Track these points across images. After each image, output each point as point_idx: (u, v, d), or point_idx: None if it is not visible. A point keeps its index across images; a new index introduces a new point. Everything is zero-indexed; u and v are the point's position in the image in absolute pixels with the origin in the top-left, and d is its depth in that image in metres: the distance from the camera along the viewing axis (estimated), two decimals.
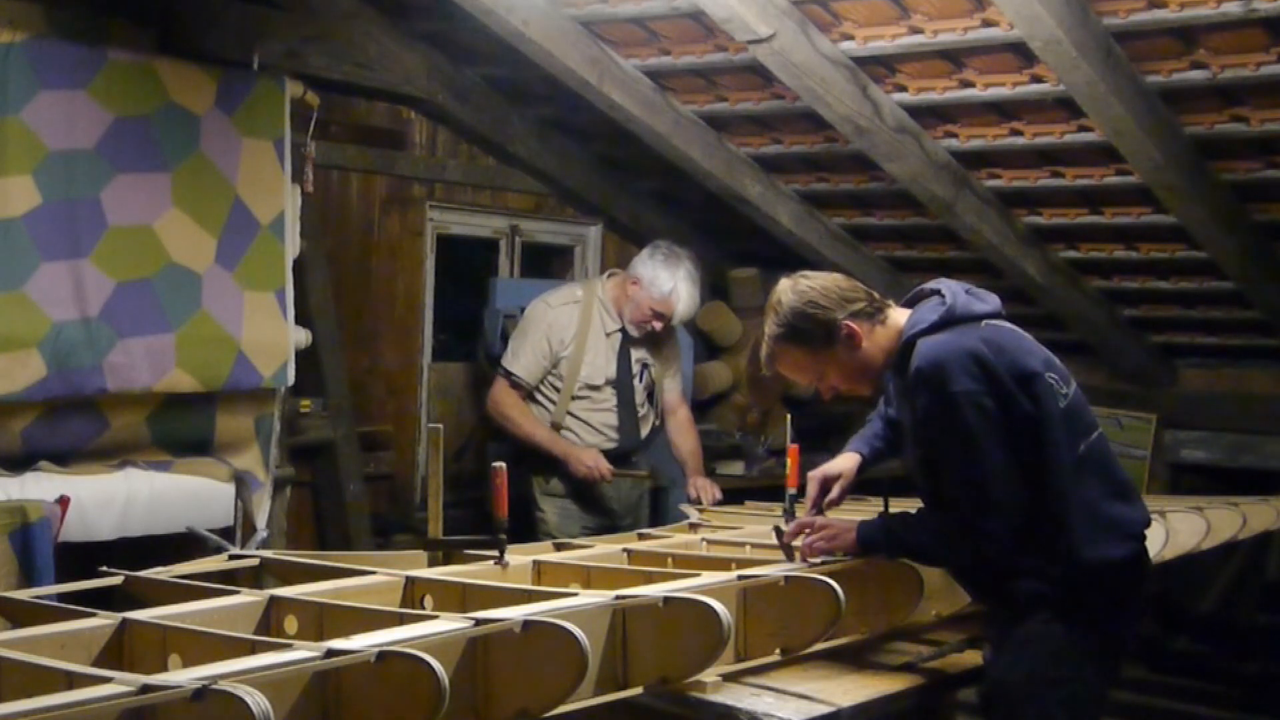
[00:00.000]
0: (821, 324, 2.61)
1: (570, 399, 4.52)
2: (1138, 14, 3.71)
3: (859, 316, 2.61)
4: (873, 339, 2.63)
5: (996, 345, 2.51)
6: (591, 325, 4.54)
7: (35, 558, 3.29)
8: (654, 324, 4.52)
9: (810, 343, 2.63)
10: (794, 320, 2.63)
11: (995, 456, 2.45)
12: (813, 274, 2.71)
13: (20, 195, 3.54)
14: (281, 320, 4.08)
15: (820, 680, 2.46)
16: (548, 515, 4.49)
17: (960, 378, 2.44)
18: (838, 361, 2.64)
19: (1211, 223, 4.67)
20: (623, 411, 4.58)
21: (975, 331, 2.53)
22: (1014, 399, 2.47)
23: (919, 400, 2.51)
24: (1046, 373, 2.53)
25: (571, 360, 4.50)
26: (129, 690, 1.58)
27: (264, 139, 4.04)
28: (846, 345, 2.62)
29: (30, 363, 3.51)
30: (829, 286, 2.64)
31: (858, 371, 2.67)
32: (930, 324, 2.55)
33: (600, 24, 4.53)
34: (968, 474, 2.48)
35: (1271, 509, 4.25)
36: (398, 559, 2.97)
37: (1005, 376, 2.47)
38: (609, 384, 4.54)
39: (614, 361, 4.55)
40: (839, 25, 4.18)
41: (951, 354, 2.48)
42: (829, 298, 2.62)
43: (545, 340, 4.50)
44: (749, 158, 5.32)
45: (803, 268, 6.23)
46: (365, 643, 1.86)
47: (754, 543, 3.21)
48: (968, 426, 2.44)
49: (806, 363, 2.67)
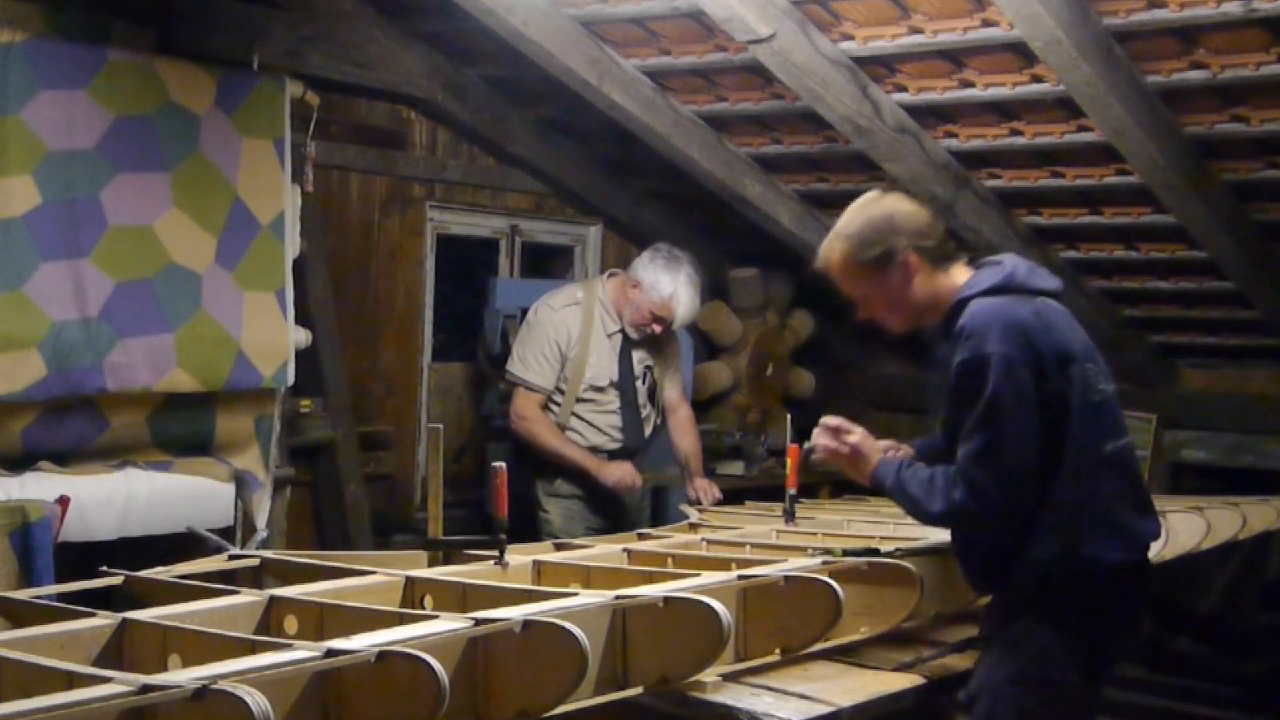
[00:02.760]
0: (884, 243, 2.57)
1: (575, 401, 4.46)
2: (1138, 14, 3.71)
3: (922, 252, 2.57)
4: (927, 280, 2.59)
5: (1045, 320, 2.49)
6: (594, 327, 4.50)
7: (35, 558, 3.29)
8: (653, 327, 4.48)
9: (867, 256, 2.59)
10: (862, 228, 2.59)
11: (1015, 424, 2.42)
12: (905, 197, 2.66)
13: (20, 195, 3.54)
14: (281, 320, 4.08)
15: (820, 680, 2.46)
16: (552, 516, 4.46)
17: (1000, 340, 2.42)
18: (885, 286, 2.61)
19: (1211, 223, 4.66)
20: (626, 412, 4.54)
21: (1028, 303, 2.51)
22: (1049, 377, 2.45)
23: (957, 356, 2.48)
24: (1087, 362, 2.52)
25: (576, 362, 4.45)
26: (129, 690, 1.58)
27: (264, 139, 4.04)
28: (899, 273, 2.58)
29: (30, 363, 3.51)
30: (911, 213, 2.60)
31: (899, 304, 2.63)
32: (985, 288, 2.53)
33: (600, 24, 4.53)
34: (984, 435, 2.44)
35: (1271, 509, 4.26)
36: (398, 559, 2.97)
37: (1046, 352, 2.45)
38: (613, 385, 4.50)
39: (616, 363, 4.51)
40: (839, 25, 4.18)
41: (997, 317, 2.46)
42: (904, 223, 2.58)
43: (554, 344, 4.44)
44: (749, 158, 5.32)
45: (803, 268, 6.30)
46: (365, 643, 1.86)
47: (754, 543, 3.21)
48: (996, 389, 2.41)
49: (856, 273, 2.62)
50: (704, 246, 6.46)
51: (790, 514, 3.61)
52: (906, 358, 6.79)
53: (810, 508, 4.03)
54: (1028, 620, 2.52)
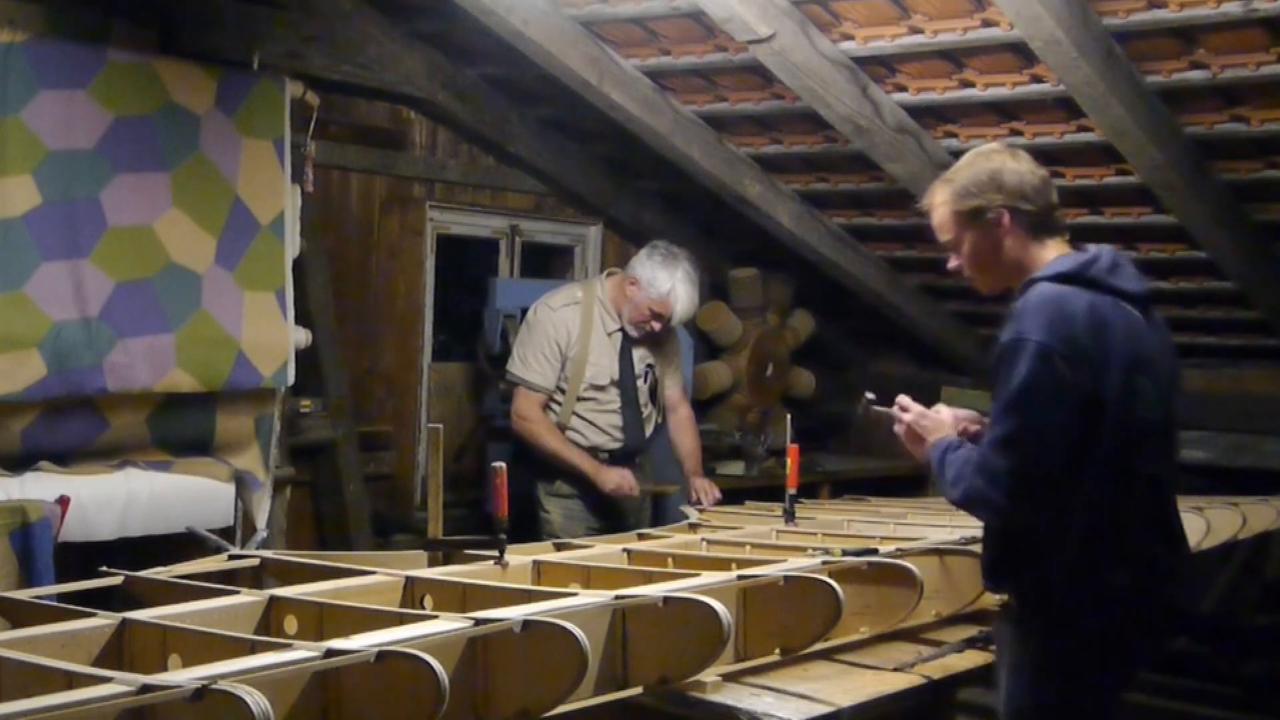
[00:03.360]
0: (981, 197, 2.50)
1: (576, 400, 4.46)
2: (1138, 14, 3.71)
3: (1018, 215, 2.49)
4: (1017, 246, 2.51)
5: (1100, 319, 2.38)
6: (594, 326, 4.50)
7: (35, 558, 3.28)
8: (652, 324, 4.48)
9: (962, 206, 2.53)
10: (968, 179, 2.53)
11: (1044, 416, 2.33)
12: (1027, 159, 2.57)
13: (20, 195, 3.54)
14: (281, 320, 4.08)
15: (820, 680, 2.46)
16: (553, 516, 4.47)
17: (1044, 329, 2.33)
18: (975, 241, 2.54)
19: (1211, 223, 4.67)
20: (627, 411, 4.54)
21: (1091, 299, 2.40)
22: (1090, 378, 2.34)
23: (1002, 336, 2.40)
24: (1139, 374, 2.40)
25: (576, 361, 4.45)
26: (129, 690, 1.58)
27: (264, 139, 4.04)
28: (990, 231, 2.51)
29: (30, 363, 3.51)
30: (1018, 173, 2.52)
31: (986, 261, 2.55)
32: (1056, 273, 2.44)
33: (600, 24, 4.53)
34: (1009, 422, 2.35)
35: (1271, 509, 4.26)
36: (398, 559, 2.97)
37: (1092, 352, 2.34)
38: (613, 384, 4.50)
39: (617, 361, 4.51)
40: (839, 25, 4.18)
41: (1050, 305, 2.38)
42: (1007, 181, 2.50)
43: (554, 343, 4.44)
44: (749, 158, 5.32)
45: (803, 268, 6.29)
46: (365, 643, 1.86)
47: (754, 543, 3.21)
48: (1029, 376, 2.32)
49: (950, 222, 2.56)
50: (704, 246, 6.46)
51: (790, 514, 3.61)
52: (906, 358, 6.80)
53: (810, 508, 4.03)
54: (1045, 638, 2.43)
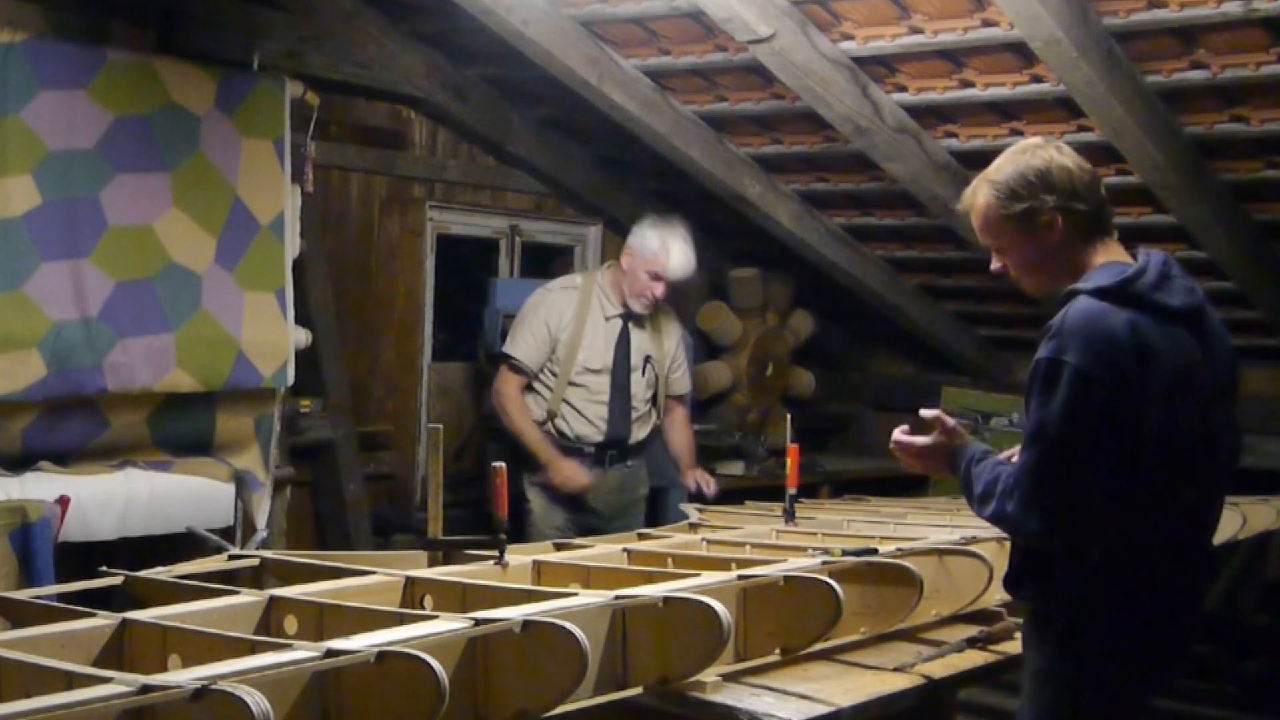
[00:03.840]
0: (1031, 199, 2.35)
1: (567, 385, 4.44)
2: (1138, 14, 3.71)
3: (1071, 217, 2.35)
4: (1069, 249, 2.38)
5: (1142, 340, 2.24)
6: (591, 308, 4.49)
7: (35, 558, 3.28)
8: (653, 288, 4.45)
9: (1010, 210, 2.38)
10: (1011, 177, 2.37)
11: (1081, 446, 2.22)
12: (1068, 152, 2.40)
13: (20, 195, 3.54)
14: (281, 320, 4.08)
15: (820, 680, 2.46)
16: (533, 505, 4.48)
17: (1082, 352, 2.21)
18: (1024, 245, 2.40)
19: (1211, 223, 4.67)
20: (615, 402, 4.49)
21: (1132, 317, 2.26)
22: (1128, 403, 2.22)
23: (1038, 352, 2.29)
24: (1180, 397, 2.27)
25: (569, 343, 4.44)
26: (129, 690, 1.58)
27: (264, 139, 4.04)
28: (1041, 235, 2.37)
29: (30, 363, 3.51)
30: (1068, 170, 2.36)
31: (1033, 263, 2.42)
32: (1098, 285, 2.30)
33: (600, 24, 4.53)
34: (1045, 449, 2.25)
35: (1271, 509, 4.26)
36: (398, 559, 2.97)
37: (1130, 375, 2.22)
38: (606, 370, 4.47)
39: (613, 347, 4.49)
40: (839, 25, 4.18)
41: (1089, 324, 2.24)
42: (1058, 180, 2.34)
43: (544, 324, 4.44)
44: (749, 158, 5.32)
45: (803, 268, 6.29)
46: (365, 643, 1.86)
47: (754, 543, 3.21)
48: (1066, 403, 2.20)
49: (996, 225, 2.42)
50: (704, 246, 6.45)
51: (790, 514, 3.61)
52: (906, 358, 6.80)
53: (810, 508, 4.03)
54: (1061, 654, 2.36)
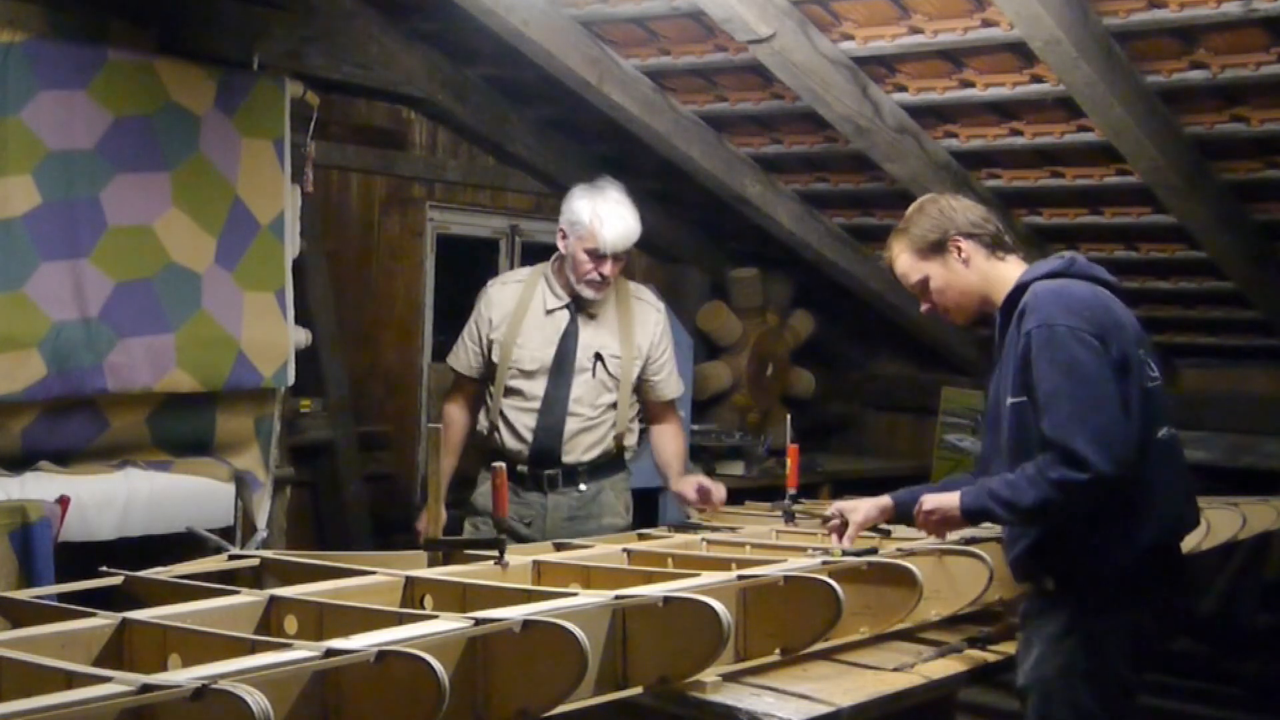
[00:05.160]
0: (936, 230, 2.70)
1: (503, 393, 3.75)
2: (1138, 14, 3.71)
3: (974, 239, 2.68)
4: (981, 267, 2.69)
5: (1103, 301, 2.54)
6: (531, 303, 3.78)
7: (35, 558, 3.28)
8: (598, 270, 3.68)
9: (923, 244, 2.71)
10: (919, 219, 2.73)
11: (1102, 386, 2.42)
12: (964, 198, 2.80)
13: (20, 195, 3.53)
14: (281, 320, 4.08)
15: (820, 680, 2.46)
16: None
17: (1067, 315, 2.46)
18: (941, 270, 2.71)
19: (1211, 223, 4.67)
20: (548, 407, 3.71)
21: (1090, 286, 2.57)
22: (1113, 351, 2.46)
23: (1025, 326, 2.50)
24: (1139, 346, 2.53)
25: (504, 343, 3.75)
26: (129, 690, 1.58)
27: (264, 139, 4.04)
28: (955, 260, 2.69)
29: (30, 363, 3.51)
30: (964, 206, 2.73)
31: (956, 292, 2.71)
32: (1048, 271, 2.60)
33: (600, 24, 4.54)
34: (1070, 400, 2.41)
35: (1271, 509, 4.25)
36: (398, 559, 2.97)
37: (1107, 330, 2.47)
38: (543, 372, 3.73)
39: (554, 345, 3.73)
40: (839, 25, 4.18)
41: (1061, 295, 2.51)
42: (957, 213, 2.71)
43: (474, 323, 3.84)
44: (749, 158, 5.32)
45: (803, 268, 6.29)
46: (365, 643, 1.86)
47: (754, 543, 3.21)
48: (1075, 357, 2.43)
49: (913, 265, 2.74)
50: (704, 246, 6.48)
51: (790, 514, 3.60)
52: (906, 358, 6.80)
53: (810, 508, 4.02)
54: (1070, 611, 2.52)
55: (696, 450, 5.71)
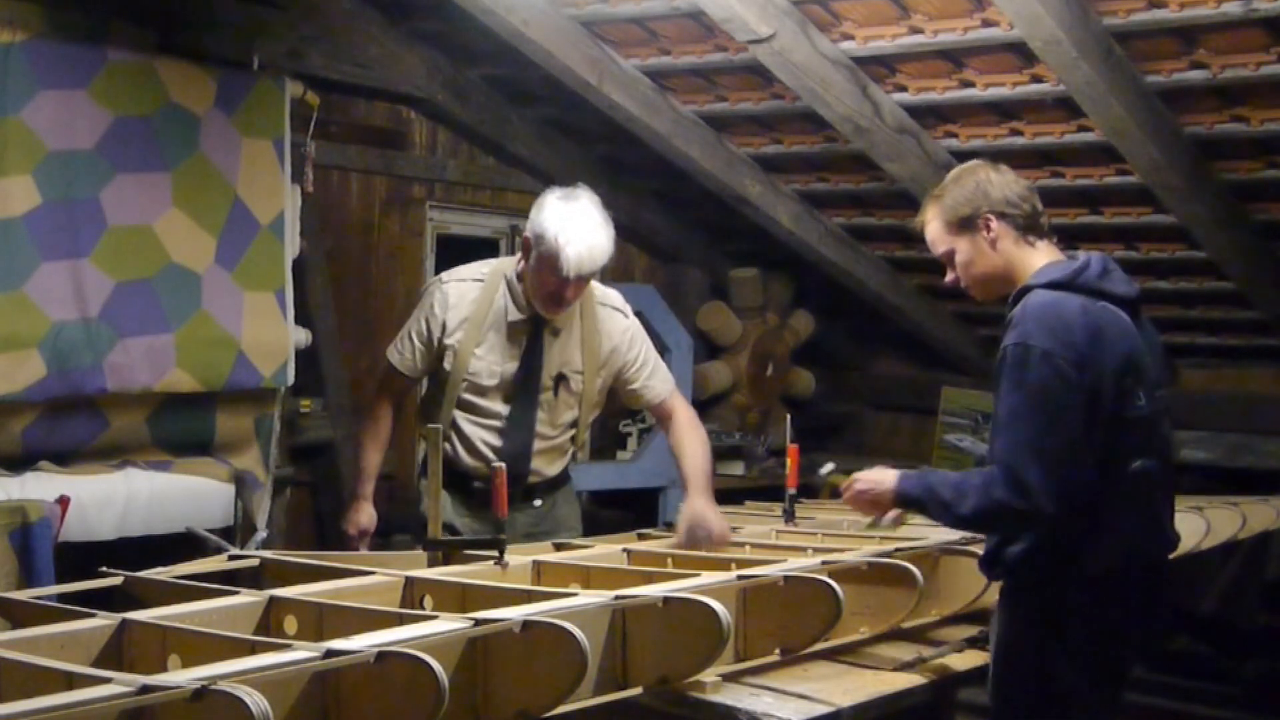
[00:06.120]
0: (969, 204, 2.61)
1: (454, 405, 3.44)
2: (1138, 14, 3.71)
3: (1007, 220, 2.59)
4: (1009, 251, 2.60)
5: (1093, 323, 2.45)
6: (492, 309, 3.44)
7: (35, 558, 3.28)
8: (563, 292, 3.30)
9: (953, 216, 2.63)
10: (955, 193, 2.64)
11: (1063, 417, 2.38)
12: (1008, 170, 2.66)
13: (20, 195, 3.53)
14: (281, 320, 4.08)
15: (820, 680, 2.46)
16: None
17: (1046, 335, 2.41)
18: (967, 246, 2.63)
19: (1211, 223, 4.67)
20: (512, 429, 3.44)
21: (1083, 303, 2.48)
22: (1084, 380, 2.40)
23: (1004, 341, 2.48)
24: (1126, 375, 2.46)
25: (460, 351, 3.41)
26: (128, 690, 1.58)
27: (264, 139, 4.04)
28: (983, 238, 2.60)
29: (30, 363, 3.51)
30: (1003, 182, 2.62)
31: (979, 269, 2.64)
32: (1049, 280, 2.52)
33: (600, 24, 4.54)
34: (1028, 426, 2.39)
35: (1271, 509, 4.26)
36: (397, 559, 2.97)
37: (1086, 355, 2.41)
38: (500, 389, 3.43)
39: (517, 361, 3.42)
40: (839, 25, 4.18)
41: (1048, 311, 2.45)
42: (993, 189, 2.60)
43: (425, 321, 3.47)
44: (749, 158, 5.32)
45: (803, 268, 6.28)
46: (365, 643, 1.86)
47: (754, 543, 3.21)
48: (1041, 378, 2.38)
49: (943, 233, 2.67)
50: (704, 246, 6.48)
51: (790, 514, 3.61)
52: (906, 358, 6.80)
53: (810, 508, 4.03)
54: (1026, 621, 2.52)
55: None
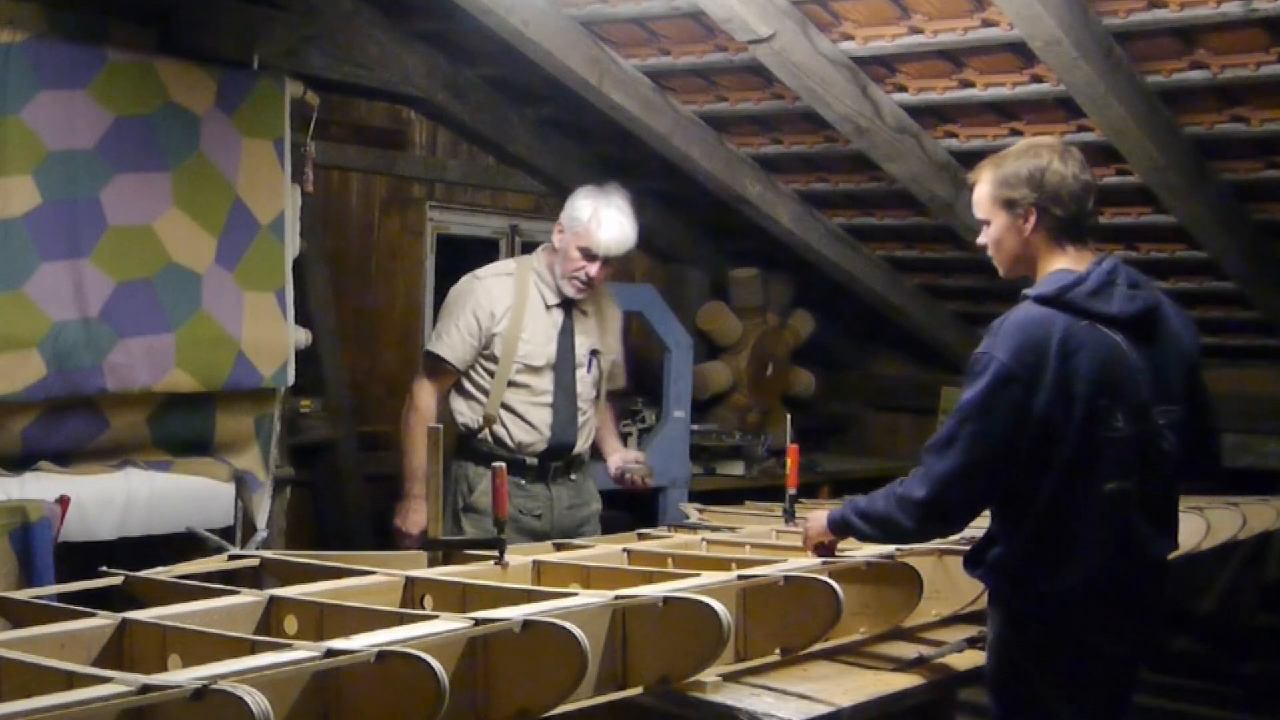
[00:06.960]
0: (1019, 187, 2.56)
1: (505, 386, 3.82)
2: (1138, 14, 3.71)
3: (1047, 216, 2.54)
4: (1038, 245, 2.57)
5: (1070, 346, 2.42)
6: (529, 297, 3.87)
7: (35, 558, 3.28)
8: (587, 269, 3.81)
9: (999, 194, 2.60)
10: (1012, 169, 2.58)
11: (988, 429, 2.40)
12: (1076, 162, 2.56)
13: (20, 195, 3.53)
14: (281, 320, 4.08)
15: (820, 680, 2.46)
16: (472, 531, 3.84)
17: (1012, 352, 2.40)
18: (1003, 224, 2.61)
19: (1211, 223, 4.67)
20: (561, 404, 3.88)
21: (1068, 323, 2.44)
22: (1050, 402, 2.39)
23: (973, 359, 2.48)
24: (1101, 397, 2.42)
25: (507, 338, 3.81)
26: (129, 690, 1.58)
27: (264, 139, 4.04)
28: (1018, 222, 2.57)
29: (30, 363, 3.51)
30: (1060, 180, 2.53)
31: (1006, 249, 2.63)
32: (1040, 294, 2.50)
33: (600, 24, 4.53)
34: (951, 428, 2.44)
35: (1271, 509, 4.26)
36: (398, 559, 2.97)
37: (1054, 377, 2.40)
38: (550, 367, 3.87)
39: (555, 341, 3.88)
40: (839, 25, 4.18)
41: (1024, 329, 2.44)
42: (1048, 179, 2.53)
43: (473, 315, 3.82)
44: (749, 158, 5.32)
45: (803, 268, 6.29)
46: (365, 643, 1.86)
47: (754, 543, 3.21)
48: (983, 393, 2.40)
49: (987, 201, 2.64)
50: (704, 246, 6.48)
51: (790, 514, 3.61)
52: (906, 358, 6.80)
53: (810, 508, 4.02)
54: (1002, 620, 2.54)
55: (696, 450, 5.72)
